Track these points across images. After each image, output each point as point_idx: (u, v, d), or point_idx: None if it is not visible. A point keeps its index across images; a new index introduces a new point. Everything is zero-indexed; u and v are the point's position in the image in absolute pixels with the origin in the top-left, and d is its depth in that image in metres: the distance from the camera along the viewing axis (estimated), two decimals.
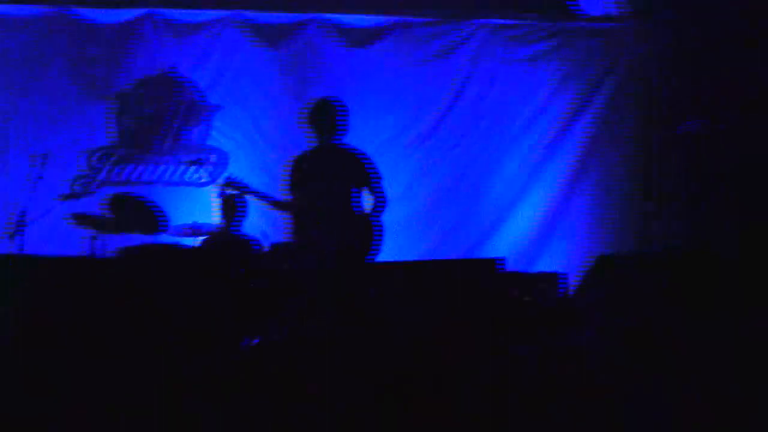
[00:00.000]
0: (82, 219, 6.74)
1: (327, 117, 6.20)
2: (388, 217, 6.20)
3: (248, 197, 6.66)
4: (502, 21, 8.01)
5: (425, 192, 7.84)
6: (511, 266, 6.05)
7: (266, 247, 6.68)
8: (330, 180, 6.12)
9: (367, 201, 6.20)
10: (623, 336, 5.10)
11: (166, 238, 6.79)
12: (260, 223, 7.06)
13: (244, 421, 3.82)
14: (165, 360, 4.93)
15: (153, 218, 6.67)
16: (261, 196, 6.36)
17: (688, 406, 3.70)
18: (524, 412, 4.47)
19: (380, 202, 6.17)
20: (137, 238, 6.63)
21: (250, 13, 7.91)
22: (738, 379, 3.79)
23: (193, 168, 7.80)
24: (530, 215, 7.79)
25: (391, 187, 6.35)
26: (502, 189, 7.85)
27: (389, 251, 6.21)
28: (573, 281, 6.44)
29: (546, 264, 7.43)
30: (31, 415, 4.17)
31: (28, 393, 4.60)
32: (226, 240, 6.83)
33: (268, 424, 3.78)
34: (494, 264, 5.28)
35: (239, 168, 7.65)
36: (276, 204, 6.33)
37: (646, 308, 5.18)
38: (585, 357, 5.28)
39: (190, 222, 6.99)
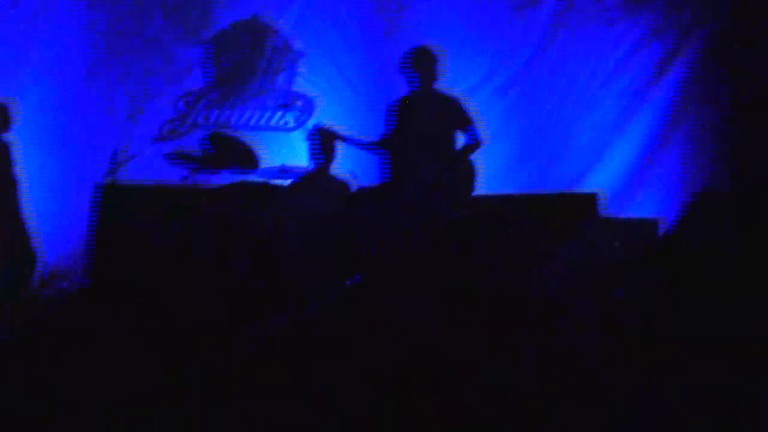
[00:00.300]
0: (177, 156, 6.83)
1: (428, 62, 6.47)
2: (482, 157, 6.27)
3: (339, 141, 6.70)
4: None
5: (516, 133, 7.78)
6: (603, 207, 6.00)
7: (355, 189, 6.71)
8: (432, 123, 6.29)
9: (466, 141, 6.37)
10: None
11: (255, 178, 6.86)
12: (349, 166, 7.07)
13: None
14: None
15: (245, 157, 6.73)
16: (352, 141, 6.47)
17: None
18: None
19: (476, 143, 6.36)
20: (229, 177, 6.70)
21: None
22: None
23: (280, 113, 7.87)
24: (623, 160, 7.68)
25: (483, 129, 6.39)
26: (592, 135, 7.75)
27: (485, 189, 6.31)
28: (665, 226, 6.35)
29: (637, 209, 7.34)
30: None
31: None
32: (315, 181, 6.86)
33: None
34: (589, 199, 5.21)
35: (325, 114, 7.69)
36: (368, 146, 6.41)
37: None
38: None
39: (279, 164, 7.04)
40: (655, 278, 5.96)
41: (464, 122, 6.42)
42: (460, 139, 6.53)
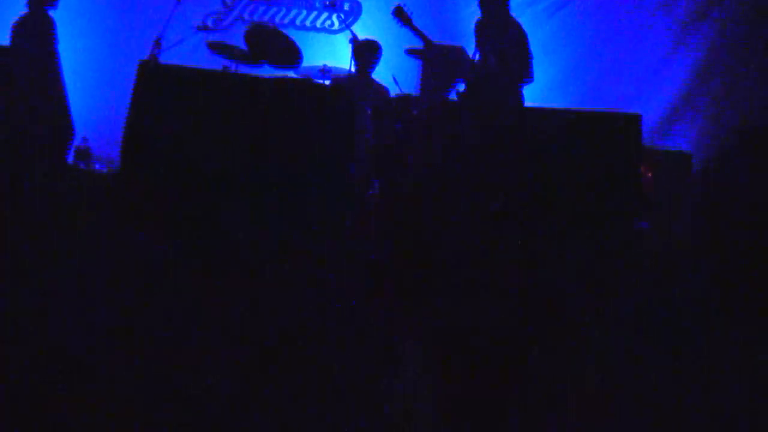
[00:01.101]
0: (217, 47, 6.80)
1: None
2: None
3: (409, 30, 6.59)
4: None
5: (565, 53, 7.66)
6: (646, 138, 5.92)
7: (396, 93, 6.67)
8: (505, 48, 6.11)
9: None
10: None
11: (296, 75, 6.83)
12: (391, 71, 7.02)
13: None
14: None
15: (288, 53, 6.68)
16: (422, 34, 6.38)
17: None
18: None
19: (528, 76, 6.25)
20: (270, 71, 6.67)
21: None
22: None
23: (326, 14, 7.80)
24: (667, 90, 7.58)
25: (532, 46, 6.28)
26: (640, 61, 7.63)
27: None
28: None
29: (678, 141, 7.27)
30: None
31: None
32: (356, 83, 6.82)
33: None
34: (633, 120, 5.14)
35: (371, 19, 7.64)
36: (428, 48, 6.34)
37: None
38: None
39: (321, 64, 7.00)
40: (688, 211, 5.92)
41: (526, 58, 6.23)
42: None
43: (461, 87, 6.02)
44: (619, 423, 2.99)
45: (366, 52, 6.92)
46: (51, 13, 6.47)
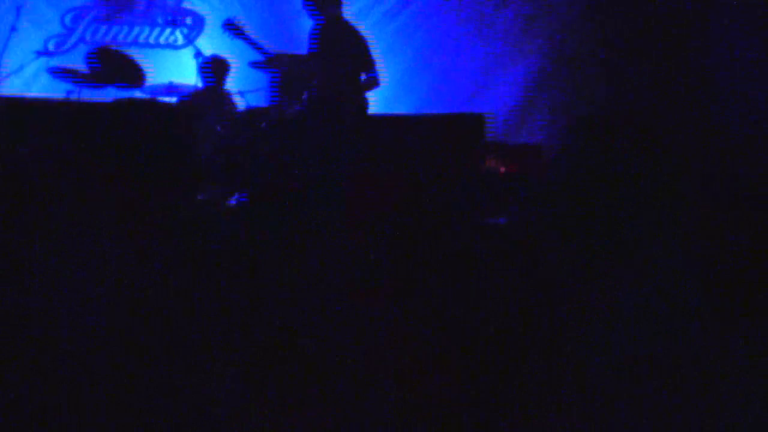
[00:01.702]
0: (61, 71, 6.70)
1: None
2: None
3: (243, 42, 6.60)
4: None
5: (407, 54, 7.84)
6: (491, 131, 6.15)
7: (244, 108, 6.73)
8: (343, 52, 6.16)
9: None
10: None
11: (141, 95, 6.80)
12: (238, 85, 7.07)
13: None
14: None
15: (132, 73, 6.64)
16: (256, 45, 6.39)
17: None
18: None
19: (375, 82, 6.30)
20: (115, 93, 6.61)
21: None
22: None
23: (168, 30, 7.77)
24: (511, 85, 7.84)
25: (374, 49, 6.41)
26: (483, 59, 7.88)
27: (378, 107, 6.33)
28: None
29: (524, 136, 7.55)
30: None
31: None
32: (203, 99, 6.84)
33: None
34: (477, 120, 5.35)
35: (214, 33, 7.64)
36: (269, 60, 6.37)
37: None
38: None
39: (167, 82, 6.99)
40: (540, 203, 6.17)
41: (368, 62, 6.28)
42: None
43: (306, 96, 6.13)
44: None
45: (213, 67, 6.93)
46: None
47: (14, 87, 7.00)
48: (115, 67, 6.58)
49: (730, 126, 6.57)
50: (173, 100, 6.78)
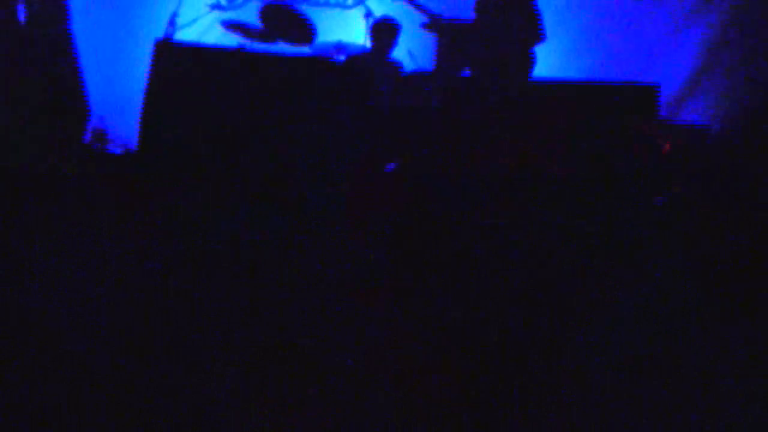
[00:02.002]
0: (232, 26, 6.79)
1: None
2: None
3: (411, 6, 6.53)
4: None
5: (579, 22, 7.59)
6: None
7: (411, 71, 6.64)
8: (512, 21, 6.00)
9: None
10: None
11: (309, 52, 6.82)
12: (409, 45, 6.99)
13: None
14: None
15: (302, 30, 6.66)
16: (423, 9, 6.30)
17: None
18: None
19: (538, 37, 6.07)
20: (284, 49, 6.66)
21: None
22: None
23: None
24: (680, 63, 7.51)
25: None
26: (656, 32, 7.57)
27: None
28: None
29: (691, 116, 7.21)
30: None
31: None
32: (370, 60, 6.80)
33: None
34: (650, 91, 5.07)
35: None
36: (435, 26, 6.27)
37: None
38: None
39: (335, 41, 6.98)
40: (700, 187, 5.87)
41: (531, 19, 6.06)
42: None
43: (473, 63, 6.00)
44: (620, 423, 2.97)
45: (383, 30, 6.87)
46: None
47: (188, 39, 7.11)
48: (285, 23, 6.62)
49: None
50: (341, 59, 6.77)
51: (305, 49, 6.79)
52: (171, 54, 5.28)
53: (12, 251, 3.67)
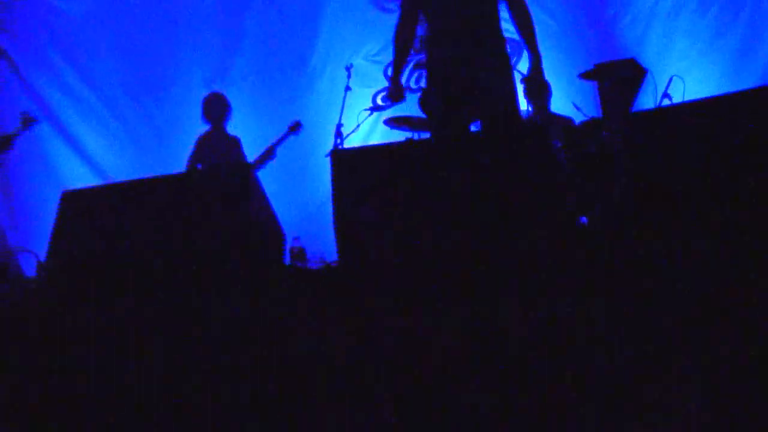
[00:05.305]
0: (395, 120, 6.94)
1: None
2: None
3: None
4: None
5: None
6: None
7: (581, 121, 6.57)
8: None
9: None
10: None
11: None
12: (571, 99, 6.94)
13: None
14: None
15: None
16: None
17: None
18: None
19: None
20: None
21: None
22: None
23: None
24: None
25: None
26: None
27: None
28: None
29: None
30: None
31: None
32: (538, 120, 6.77)
33: None
34: None
35: None
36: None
37: None
38: None
39: None
40: None
41: None
42: None
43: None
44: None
45: (538, 90, 6.87)
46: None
47: (355, 144, 7.34)
48: None
49: None
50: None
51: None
52: (347, 159, 5.40)
53: None
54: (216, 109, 6.94)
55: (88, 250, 5.15)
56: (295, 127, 7.24)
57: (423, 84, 7.87)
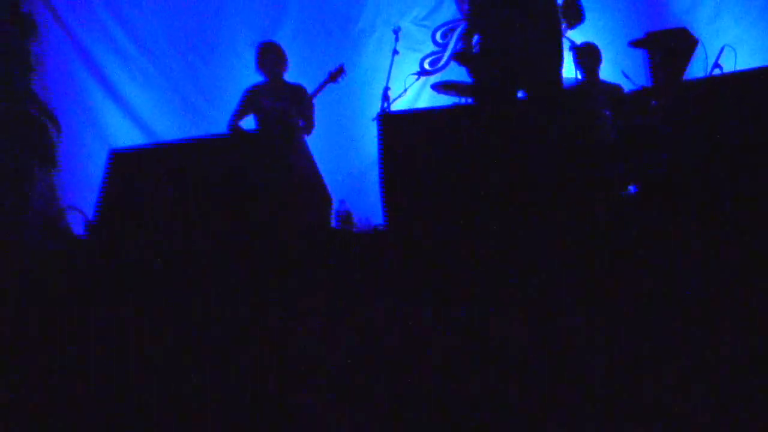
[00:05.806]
0: (442, 86, 6.93)
1: None
2: None
3: None
4: None
5: None
6: None
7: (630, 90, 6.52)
8: None
9: None
10: None
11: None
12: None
13: None
14: None
15: None
16: None
17: None
18: None
19: None
20: None
21: None
22: None
23: None
24: None
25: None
26: None
27: None
28: None
29: None
30: None
31: None
32: (588, 89, 6.73)
33: None
34: None
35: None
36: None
37: None
38: None
39: None
40: None
41: None
42: None
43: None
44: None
45: (588, 57, 6.82)
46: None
47: (402, 108, 7.32)
48: None
49: None
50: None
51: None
52: (395, 123, 5.39)
53: None
54: (270, 58, 6.64)
55: (134, 212, 5.22)
56: (338, 74, 6.66)
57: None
